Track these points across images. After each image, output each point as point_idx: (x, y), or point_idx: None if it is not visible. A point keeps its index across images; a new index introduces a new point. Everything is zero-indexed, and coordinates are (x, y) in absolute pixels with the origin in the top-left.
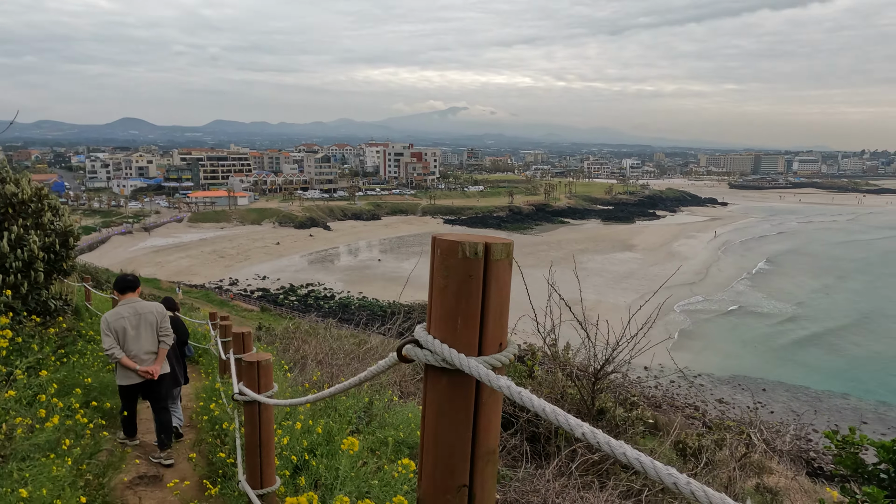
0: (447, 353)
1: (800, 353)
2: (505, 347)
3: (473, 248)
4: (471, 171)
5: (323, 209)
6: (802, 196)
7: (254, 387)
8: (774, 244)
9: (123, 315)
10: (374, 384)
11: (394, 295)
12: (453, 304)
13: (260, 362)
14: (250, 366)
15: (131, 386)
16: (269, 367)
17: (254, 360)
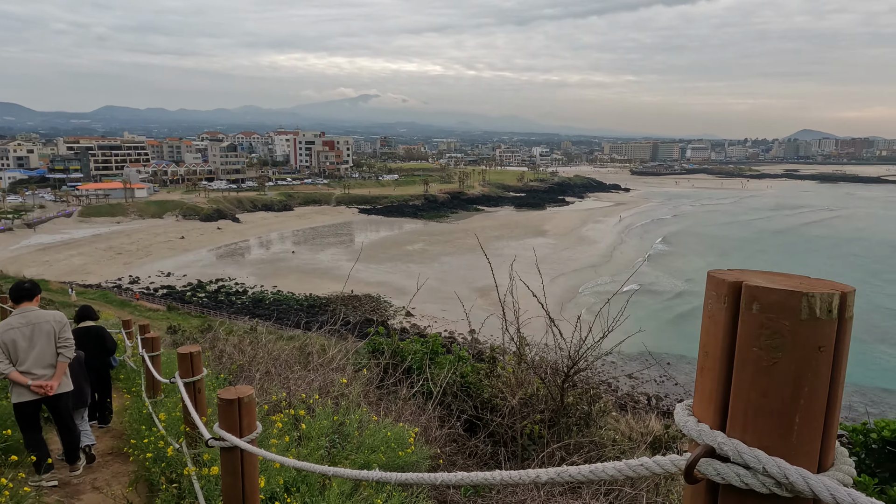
0: (786, 471)
1: (694, 326)
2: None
3: (828, 303)
4: (384, 160)
5: (231, 200)
6: (695, 181)
7: (234, 429)
8: (670, 226)
9: (14, 326)
10: (342, 396)
11: (310, 287)
12: (789, 393)
13: (241, 399)
14: (229, 405)
15: (26, 403)
16: (252, 406)
17: (232, 398)
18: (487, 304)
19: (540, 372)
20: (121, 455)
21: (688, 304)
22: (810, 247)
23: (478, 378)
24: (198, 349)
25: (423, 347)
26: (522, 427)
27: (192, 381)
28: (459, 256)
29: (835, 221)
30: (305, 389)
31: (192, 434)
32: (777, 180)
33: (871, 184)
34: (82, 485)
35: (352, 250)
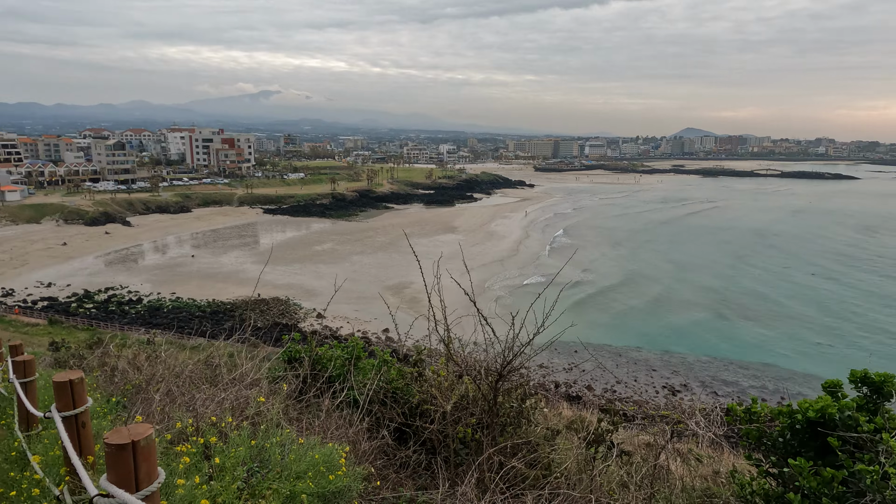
0: None
1: (595, 314)
2: None
3: None
4: (289, 158)
5: (120, 202)
6: (594, 177)
7: (128, 481)
8: (571, 220)
9: None
10: (259, 415)
11: (213, 293)
12: None
13: (137, 444)
14: (120, 452)
15: None
16: (152, 450)
17: (124, 442)
18: (401, 303)
19: (472, 372)
20: None
21: (583, 292)
22: (690, 235)
23: (405, 383)
24: (79, 375)
25: (345, 353)
26: (454, 432)
27: (74, 414)
28: (370, 255)
29: (712, 212)
30: (215, 411)
31: (75, 480)
32: (666, 175)
33: (745, 177)
34: None
35: (257, 252)
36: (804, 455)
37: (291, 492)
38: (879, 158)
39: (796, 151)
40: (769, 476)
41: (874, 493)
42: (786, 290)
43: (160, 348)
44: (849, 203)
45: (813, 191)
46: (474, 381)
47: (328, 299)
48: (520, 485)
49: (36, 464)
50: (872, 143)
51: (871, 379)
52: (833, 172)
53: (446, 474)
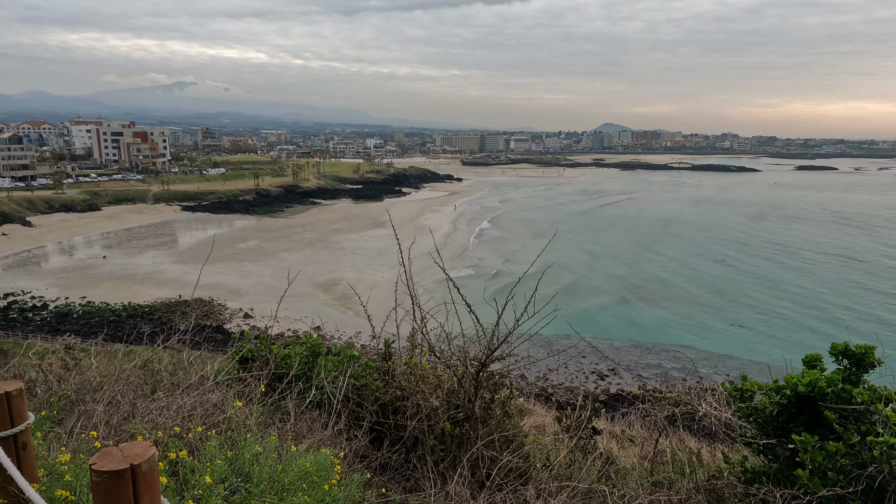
0: None
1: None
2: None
3: None
4: (208, 153)
5: (18, 201)
6: (520, 170)
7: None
8: (497, 212)
9: None
10: (226, 422)
11: (128, 295)
12: None
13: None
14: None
15: None
16: (156, 475)
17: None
18: (331, 300)
19: (452, 364)
20: None
21: (501, 282)
22: (602, 225)
23: (380, 378)
24: (18, 386)
25: (304, 350)
26: (431, 426)
27: (12, 433)
28: (298, 252)
29: (625, 203)
30: (175, 420)
31: None
32: (588, 168)
33: (660, 170)
34: None
35: (176, 252)
36: (794, 430)
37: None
38: (777, 152)
39: (705, 146)
40: (762, 454)
41: (881, 464)
42: (688, 275)
43: (83, 355)
44: (749, 193)
45: (720, 182)
46: (453, 372)
47: (255, 298)
48: (515, 480)
49: None
50: (771, 138)
51: (853, 351)
52: (738, 165)
53: (432, 473)
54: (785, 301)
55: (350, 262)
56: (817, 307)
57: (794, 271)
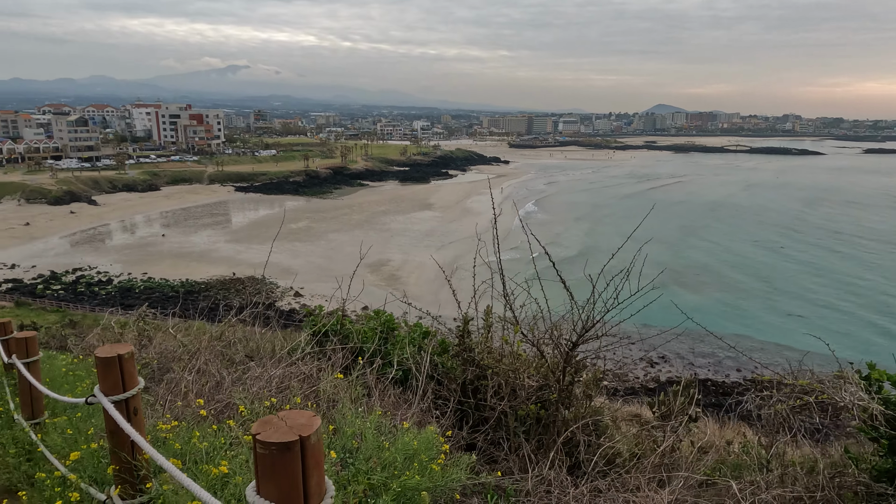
0: None
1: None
2: None
3: None
4: (260, 135)
5: (85, 181)
6: (568, 153)
7: (294, 499)
8: (543, 196)
9: None
10: (317, 395)
11: (186, 272)
12: None
13: (306, 442)
14: (282, 454)
15: None
16: (321, 449)
17: (288, 440)
18: (379, 280)
19: (539, 343)
20: None
21: (542, 264)
22: (643, 209)
23: (455, 356)
24: (129, 349)
25: (378, 325)
26: (513, 407)
27: (125, 398)
28: (346, 233)
29: (674, 187)
30: (271, 392)
31: (126, 478)
32: (639, 151)
33: (715, 153)
34: None
35: (230, 231)
36: None
37: (403, 487)
38: (843, 134)
39: (765, 127)
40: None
41: None
42: (733, 261)
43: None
44: (809, 177)
45: (778, 166)
46: (540, 351)
47: (305, 278)
48: (614, 467)
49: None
50: (837, 119)
51: None
52: (799, 148)
53: (525, 456)
54: (840, 292)
55: (397, 243)
56: (878, 300)
57: (852, 261)
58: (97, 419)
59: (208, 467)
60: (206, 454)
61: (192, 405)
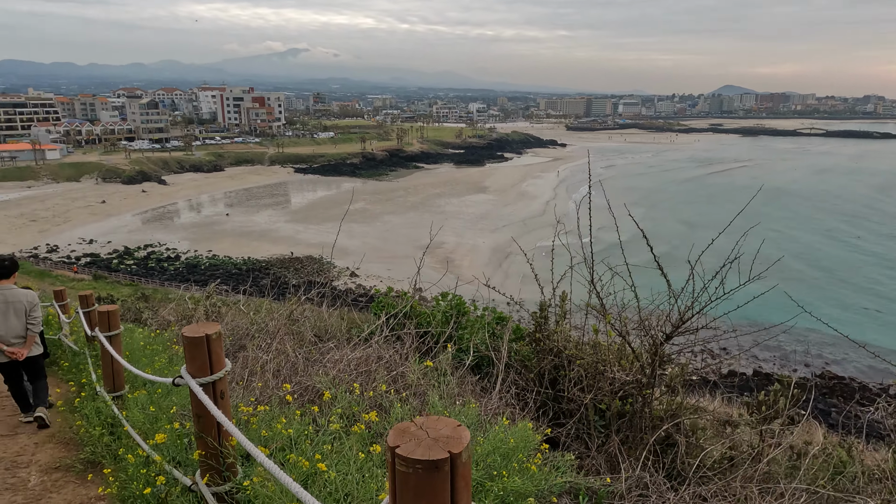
0: None
1: None
2: None
3: None
4: (319, 117)
5: (155, 161)
6: (628, 136)
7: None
8: (599, 179)
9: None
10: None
11: (248, 251)
12: None
13: (455, 459)
14: (434, 472)
15: (3, 364)
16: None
17: (443, 457)
18: (433, 263)
19: (625, 333)
20: (68, 470)
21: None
22: (707, 193)
23: (529, 344)
24: (216, 329)
25: (448, 307)
26: (594, 401)
27: (212, 380)
28: (401, 215)
29: (737, 171)
30: (352, 376)
31: (211, 464)
32: (703, 134)
33: (786, 137)
34: None
35: (290, 211)
36: None
37: (503, 490)
38: None
39: (843, 109)
40: None
41: None
42: (794, 250)
43: (224, 304)
44: (890, 163)
45: (856, 150)
46: (627, 342)
47: (360, 258)
48: (714, 471)
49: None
50: None
51: None
52: (881, 132)
53: (615, 456)
54: None
55: (451, 226)
56: None
57: None
58: (177, 396)
59: (297, 458)
60: (292, 442)
61: (271, 386)
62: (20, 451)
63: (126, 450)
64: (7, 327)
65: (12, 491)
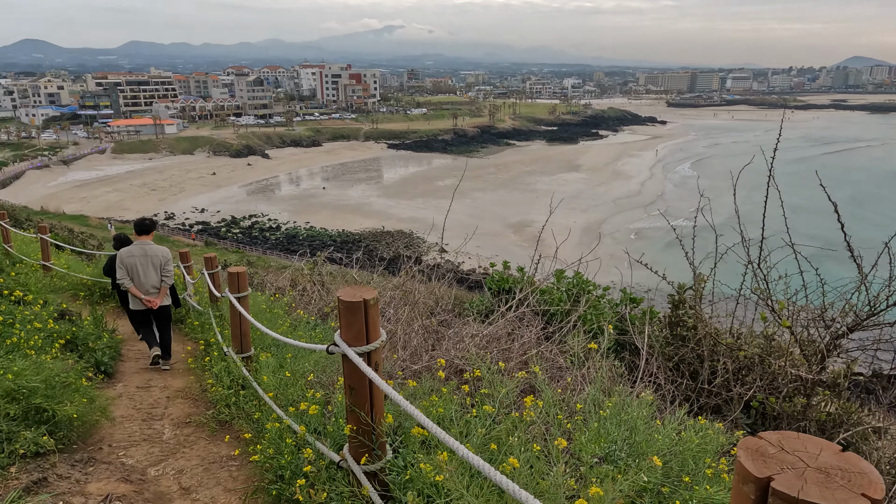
0: None
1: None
2: None
3: None
4: (412, 94)
5: (259, 136)
6: (736, 113)
7: None
8: (699, 159)
9: (134, 254)
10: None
11: (342, 223)
12: None
13: None
14: None
15: (138, 311)
16: None
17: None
18: (522, 241)
19: (800, 325)
20: (199, 427)
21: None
22: (814, 175)
23: (677, 331)
24: (374, 295)
25: (568, 285)
26: (742, 396)
27: (368, 350)
28: (491, 192)
29: (855, 152)
30: (492, 353)
31: (363, 440)
32: (824, 111)
33: None
34: (169, 492)
35: (381, 186)
36: None
37: (697, 500)
38: None
39: None
40: None
41: None
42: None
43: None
44: None
45: None
46: (795, 336)
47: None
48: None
49: (279, 409)
50: None
51: None
52: None
53: None
54: None
55: (541, 204)
56: None
57: None
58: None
59: (462, 440)
60: (445, 423)
61: (402, 359)
62: (154, 403)
63: (261, 414)
64: (146, 278)
65: (150, 442)
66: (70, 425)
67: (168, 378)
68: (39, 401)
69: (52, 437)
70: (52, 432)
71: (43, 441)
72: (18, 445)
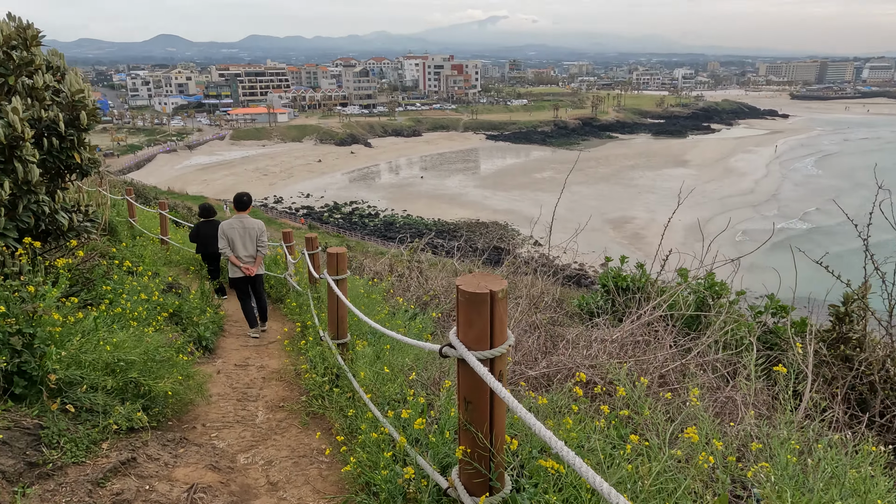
0: None
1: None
2: None
3: None
4: (513, 85)
5: (363, 125)
6: (872, 106)
7: None
8: (829, 158)
9: (234, 226)
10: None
11: (438, 213)
12: None
13: None
14: None
15: (238, 279)
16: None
17: None
18: (621, 237)
19: None
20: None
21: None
22: None
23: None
24: (503, 286)
25: (699, 286)
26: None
27: (491, 356)
28: (590, 186)
29: None
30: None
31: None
32: None
33: None
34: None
35: (478, 177)
36: None
37: None
38: None
39: None
40: None
41: None
42: None
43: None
44: None
45: None
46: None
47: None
48: None
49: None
50: None
51: None
52: None
53: None
54: None
55: (644, 201)
56: None
57: None
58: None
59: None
60: (584, 452)
61: (515, 361)
62: (250, 383)
63: (355, 411)
64: (244, 249)
65: (243, 424)
66: (165, 401)
67: (265, 357)
68: (136, 375)
69: (147, 413)
70: (146, 408)
71: (137, 417)
72: (112, 420)
